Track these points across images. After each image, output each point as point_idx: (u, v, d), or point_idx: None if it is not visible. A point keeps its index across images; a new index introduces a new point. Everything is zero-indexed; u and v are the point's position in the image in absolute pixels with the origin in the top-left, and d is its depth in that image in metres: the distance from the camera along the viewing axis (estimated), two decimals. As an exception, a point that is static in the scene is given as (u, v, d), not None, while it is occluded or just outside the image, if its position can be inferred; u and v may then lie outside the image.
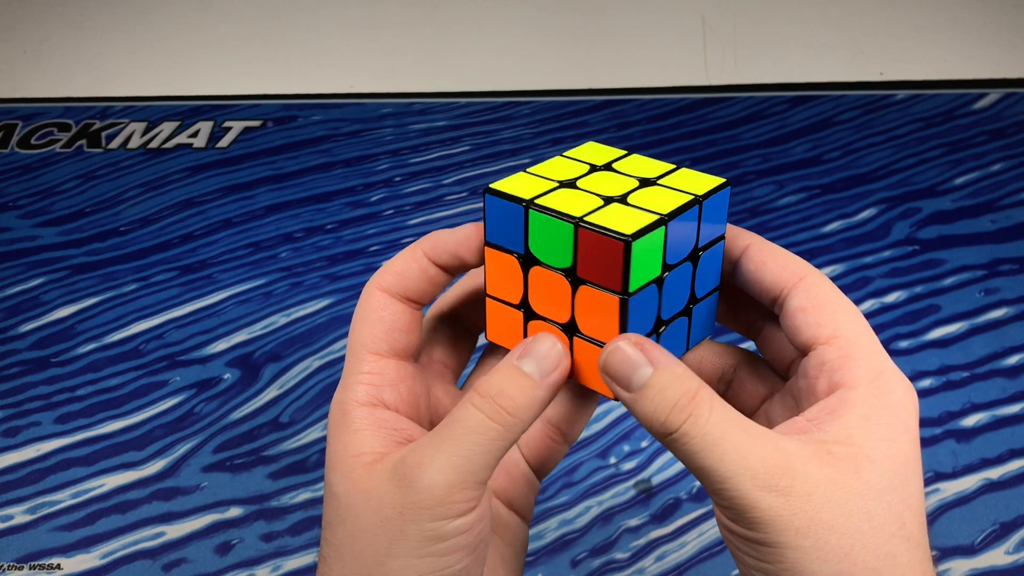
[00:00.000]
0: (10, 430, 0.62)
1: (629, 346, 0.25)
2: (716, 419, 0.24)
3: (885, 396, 0.24)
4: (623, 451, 0.59)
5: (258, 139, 0.93)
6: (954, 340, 0.66)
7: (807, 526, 0.23)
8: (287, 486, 0.58)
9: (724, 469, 0.23)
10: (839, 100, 0.95)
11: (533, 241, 0.26)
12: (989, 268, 0.72)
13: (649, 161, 0.29)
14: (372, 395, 0.27)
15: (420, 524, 0.24)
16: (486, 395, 0.25)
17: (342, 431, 0.27)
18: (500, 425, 0.25)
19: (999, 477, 0.57)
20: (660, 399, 0.24)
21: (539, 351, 0.26)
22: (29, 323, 0.71)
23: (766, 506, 0.23)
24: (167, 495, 0.58)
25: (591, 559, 0.54)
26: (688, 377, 0.24)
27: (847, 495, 0.23)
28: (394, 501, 0.25)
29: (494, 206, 0.27)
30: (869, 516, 0.23)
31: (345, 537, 0.26)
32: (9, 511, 0.57)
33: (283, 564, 0.54)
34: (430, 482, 0.24)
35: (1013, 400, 0.61)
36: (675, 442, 0.24)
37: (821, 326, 0.26)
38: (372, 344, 0.28)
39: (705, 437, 0.23)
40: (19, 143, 0.94)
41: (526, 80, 1.01)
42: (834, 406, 0.24)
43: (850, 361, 0.25)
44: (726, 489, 0.23)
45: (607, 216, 0.25)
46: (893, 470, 0.24)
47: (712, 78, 1.00)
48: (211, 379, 0.66)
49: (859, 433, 0.24)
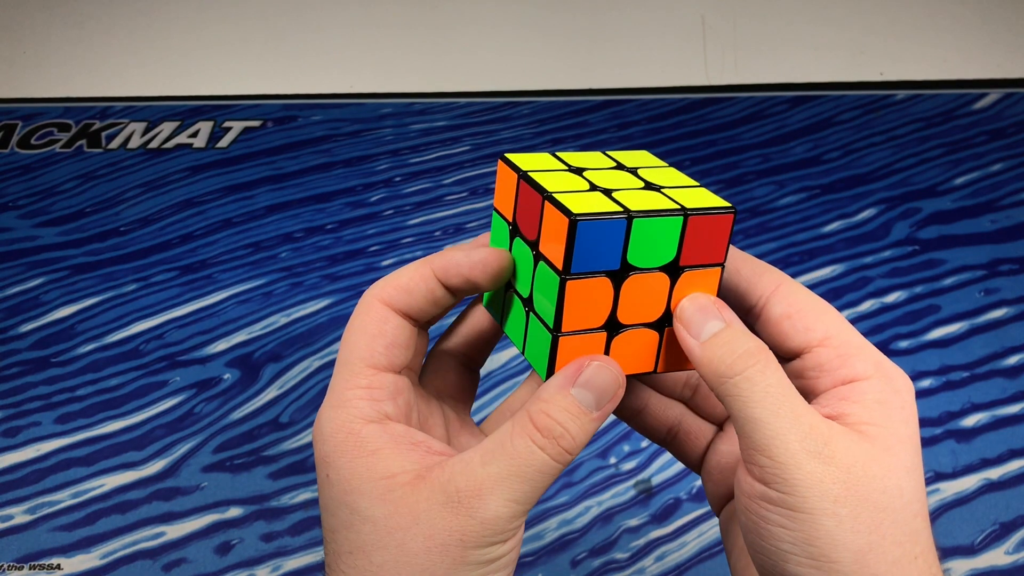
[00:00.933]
0: (10, 430, 0.62)
1: (708, 299, 0.26)
2: (781, 376, 0.24)
3: (891, 383, 0.25)
4: (623, 451, 0.59)
5: (258, 139, 0.93)
6: (954, 340, 0.66)
7: (844, 495, 0.23)
8: (287, 486, 0.58)
9: (777, 424, 0.24)
10: (839, 100, 0.95)
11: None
12: (989, 268, 0.72)
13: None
14: (377, 410, 0.27)
15: (481, 550, 0.25)
16: (549, 435, 0.25)
17: (355, 452, 0.26)
18: (562, 464, 0.25)
19: (999, 477, 0.57)
20: (729, 347, 0.25)
21: (599, 384, 0.26)
22: (29, 323, 0.71)
23: (810, 469, 0.23)
24: (167, 495, 0.58)
25: (591, 559, 0.54)
26: (758, 341, 0.25)
27: (885, 471, 0.24)
28: (451, 528, 0.25)
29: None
30: (901, 492, 0.24)
31: (389, 562, 0.25)
32: (9, 511, 0.57)
33: (283, 564, 0.54)
34: (495, 515, 0.25)
35: (1013, 400, 0.61)
36: (736, 386, 0.24)
37: (810, 330, 0.26)
38: (371, 358, 0.27)
39: (768, 387, 0.24)
40: (19, 143, 0.94)
41: (526, 80, 1.01)
42: (846, 394, 0.25)
43: (849, 359, 0.25)
44: (772, 446, 0.23)
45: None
46: (913, 450, 0.25)
47: (712, 78, 1.00)
48: (211, 379, 0.66)
49: (881, 416, 0.24)
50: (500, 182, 0.28)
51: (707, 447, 0.31)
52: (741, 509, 0.25)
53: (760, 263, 0.28)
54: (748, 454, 0.24)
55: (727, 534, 0.30)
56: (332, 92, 1.01)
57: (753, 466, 0.24)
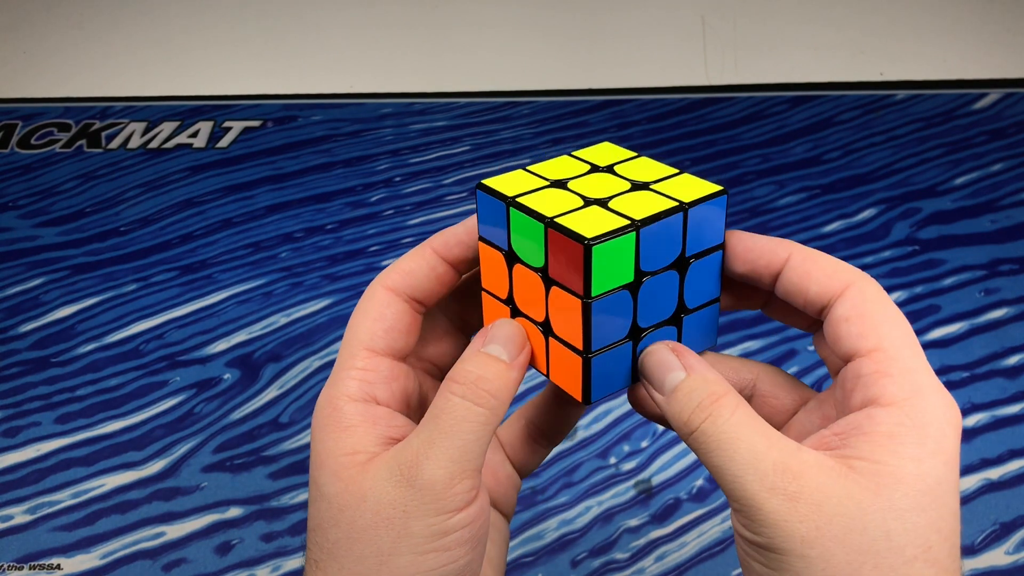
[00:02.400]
0: (10, 430, 0.62)
1: (666, 350, 0.26)
2: (735, 420, 0.24)
3: (918, 416, 0.23)
4: (623, 451, 0.59)
5: (258, 139, 0.93)
6: (954, 340, 0.66)
7: (814, 536, 0.22)
8: (287, 486, 0.58)
9: (734, 467, 0.23)
10: (839, 100, 0.95)
11: (514, 238, 0.26)
12: (989, 268, 0.72)
13: (655, 165, 0.28)
14: (364, 391, 0.27)
15: (425, 520, 0.24)
16: (466, 382, 0.25)
17: (332, 426, 0.26)
18: (486, 409, 0.25)
19: (999, 477, 0.57)
20: (686, 400, 0.25)
21: (502, 335, 0.27)
22: (29, 323, 0.71)
23: (771, 508, 0.22)
24: (167, 495, 0.58)
25: (591, 559, 0.54)
26: (717, 382, 0.25)
27: (863, 511, 0.22)
28: (394, 501, 0.24)
29: (484, 201, 0.27)
30: (887, 535, 0.22)
31: (342, 539, 0.25)
32: (9, 511, 0.57)
33: (283, 564, 0.54)
34: (431, 477, 0.24)
35: (1013, 400, 0.61)
36: (695, 441, 0.24)
37: (863, 337, 0.25)
38: (369, 341, 0.27)
39: (720, 436, 0.24)
40: (19, 143, 0.94)
41: (526, 80, 1.01)
42: (860, 422, 0.24)
43: (885, 377, 0.24)
44: (735, 489, 0.23)
45: (580, 218, 0.25)
46: (920, 491, 0.23)
47: (712, 78, 1.00)
48: (211, 379, 0.66)
49: (884, 451, 0.23)
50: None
51: None
52: (737, 545, 0.25)
53: (833, 261, 0.27)
54: (727, 499, 0.24)
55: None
56: (332, 92, 1.01)
57: (732, 510, 0.24)
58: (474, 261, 0.28)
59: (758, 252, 0.27)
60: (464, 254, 0.28)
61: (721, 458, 0.23)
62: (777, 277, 0.27)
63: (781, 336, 0.66)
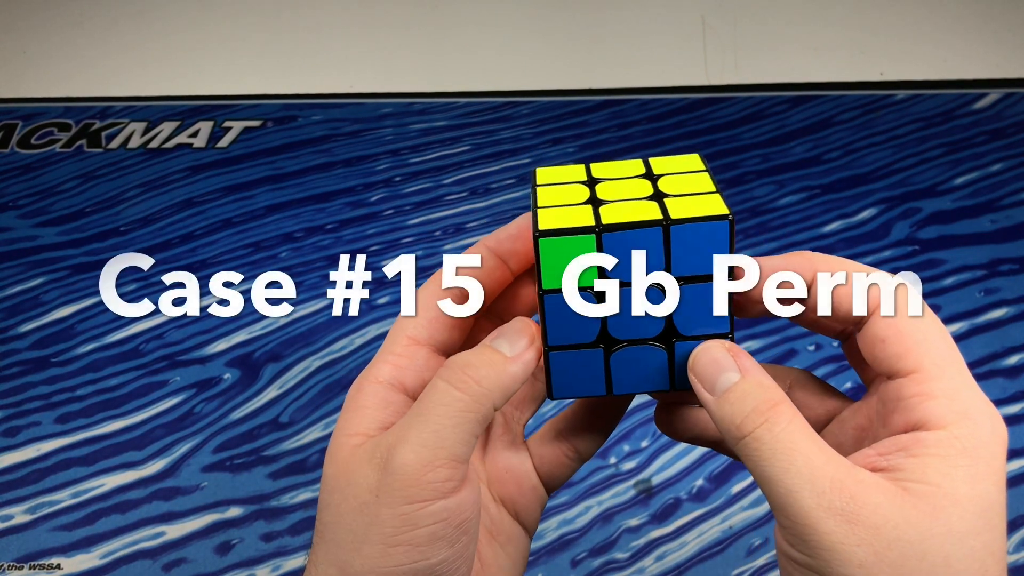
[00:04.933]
0: (10, 430, 0.62)
1: (721, 349, 0.25)
2: (792, 429, 0.22)
3: (967, 438, 0.23)
4: (623, 451, 0.59)
5: (258, 139, 0.93)
6: (954, 340, 0.66)
7: (872, 561, 0.21)
8: (287, 486, 0.58)
9: (790, 481, 0.22)
10: (839, 100, 0.95)
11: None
12: (989, 268, 0.72)
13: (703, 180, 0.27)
14: (393, 376, 0.26)
15: (394, 508, 0.23)
16: (452, 367, 0.25)
17: (349, 407, 0.26)
18: (467, 394, 0.24)
19: (999, 477, 0.57)
20: (740, 403, 0.23)
21: (511, 330, 0.26)
22: (29, 323, 0.71)
23: (828, 529, 0.21)
24: (167, 495, 0.58)
25: (591, 559, 0.54)
26: (773, 389, 0.24)
27: (922, 535, 0.21)
28: (370, 485, 0.24)
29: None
30: (947, 561, 0.21)
31: (329, 521, 0.25)
32: (9, 511, 0.57)
33: (283, 564, 0.54)
34: (402, 461, 0.23)
35: (1013, 400, 0.61)
36: (747, 446, 0.23)
37: (902, 359, 0.24)
38: (412, 330, 0.27)
39: (776, 444, 0.22)
40: (19, 143, 0.94)
41: (526, 80, 1.01)
42: (908, 443, 0.23)
43: (930, 400, 0.23)
44: (789, 504, 0.22)
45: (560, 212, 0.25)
46: (976, 513, 0.22)
47: (712, 78, 1.00)
48: (211, 379, 0.66)
49: (936, 473, 0.22)
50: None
51: None
52: (780, 564, 0.24)
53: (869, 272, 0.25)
54: (775, 514, 0.23)
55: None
56: (332, 92, 1.01)
57: (780, 526, 0.23)
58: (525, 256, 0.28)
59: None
60: (514, 246, 0.27)
61: (776, 468, 0.22)
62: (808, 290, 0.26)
63: (781, 336, 0.66)
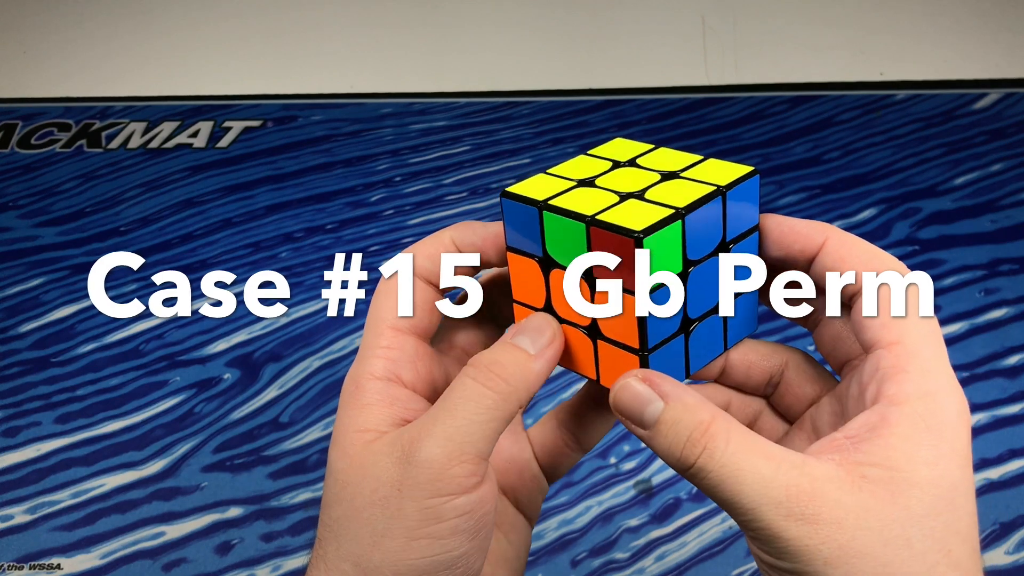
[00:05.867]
0: (10, 430, 0.62)
1: (637, 382, 0.25)
2: (733, 449, 0.23)
3: (932, 416, 0.23)
4: (623, 451, 0.59)
5: (258, 139, 0.93)
6: (954, 340, 0.66)
7: (837, 555, 0.22)
8: (287, 486, 0.58)
9: (746, 501, 0.22)
10: (839, 100, 0.95)
11: (550, 243, 0.26)
12: (989, 268, 0.72)
13: (676, 154, 0.28)
14: (389, 370, 0.26)
15: (418, 501, 0.23)
16: (479, 365, 0.25)
17: (351, 404, 0.26)
18: (495, 392, 0.24)
19: (999, 477, 0.57)
20: (673, 434, 0.23)
21: (531, 326, 0.26)
22: (29, 323, 0.71)
23: (792, 536, 0.22)
24: (167, 495, 0.58)
25: (591, 559, 0.54)
26: (700, 407, 0.24)
27: (883, 522, 0.22)
28: (391, 479, 0.24)
29: (511, 209, 0.26)
30: (908, 543, 0.22)
31: (341, 517, 0.25)
32: (9, 511, 0.57)
33: (283, 564, 0.54)
34: (428, 455, 0.23)
35: (1013, 400, 0.61)
36: (694, 477, 0.23)
37: (886, 328, 0.24)
38: (392, 319, 0.27)
39: (722, 470, 0.23)
40: (19, 143, 0.94)
41: (526, 80, 1.01)
42: (875, 423, 0.23)
43: (902, 373, 0.24)
44: (751, 520, 0.22)
45: (621, 213, 0.24)
46: (936, 495, 0.22)
47: (712, 78, 1.00)
48: (211, 379, 0.66)
49: (898, 455, 0.22)
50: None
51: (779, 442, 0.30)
52: (760, 569, 0.24)
53: (869, 247, 0.26)
54: (740, 528, 0.23)
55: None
56: (332, 92, 1.01)
57: (748, 537, 0.23)
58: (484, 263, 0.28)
59: (793, 236, 0.27)
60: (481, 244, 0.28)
61: (728, 492, 0.22)
62: (812, 261, 0.26)
63: (781, 336, 0.66)
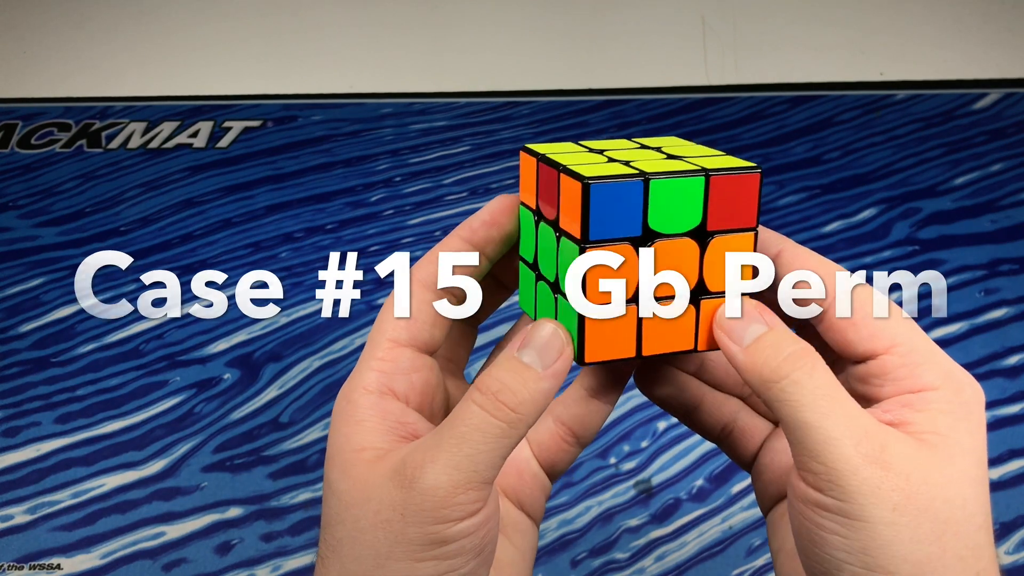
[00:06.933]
0: (10, 430, 0.62)
1: (747, 302, 0.25)
2: (829, 378, 0.23)
3: (959, 396, 0.24)
4: (623, 451, 0.59)
5: (258, 139, 0.93)
6: (954, 340, 0.66)
7: (904, 503, 0.22)
8: (287, 486, 0.58)
9: (830, 427, 0.22)
10: (839, 100, 0.95)
11: (654, 214, 0.25)
12: (989, 268, 0.72)
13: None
14: (382, 382, 0.26)
15: (422, 527, 0.24)
16: (487, 391, 0.24)
17: (345, 420, 0.26)
18: (503, 422, 0.24)
19: (999, 477, 0.57)
20: (774, 350, 0.24)
21: (540, 340, 0.25)
22: (29, 323, 0.71)
23: (867, 475, 0.22)
24: (167, 495, 0.58)
25: (591, 559, 0.54)
26: (803, 342, 0.24)
27: (946, 480, 0.23)
28: (394, 502, 0.24)
29: (603, 194, 0.24)
30: (964, 504, 0.23)
31: (345, 538, 0.25)
32: (9, 511, 0.57)
33: (283, 564, 0.54)
34: (433, 483, 0.23)
35: (1013, 400, 0.61)
36: (783, 391, 0.23)
37: (876, 337, 0.25)
38: (392, 332, 0.27)
39: (816, 390, 0.23)
40: (19, 143, 0.94)
41: (526, 80, 1.01)
42: (910, 401, 0.24)
43: (917, 368, 0.24)
44: (826, 451, 0.22)
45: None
46: (979, 463, 0.24)
47: (712, 78, 1.00)
48: (211, 379, 0.66)
49: (944, 425, 0.24)
50: (522, 173, 0.28)
51: (761, 445, 0.30)
52: (794, 514, 0.24)
53: (829, 263, 0.27)
54: (801, 460, 0.23)
55: (775, 536, 0.29)
56: (332, 92, 1.01)
57: (807, 472, 0.23)
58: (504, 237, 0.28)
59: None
60: (488, 233, 0.27)
61: (816, 414, 0.23)
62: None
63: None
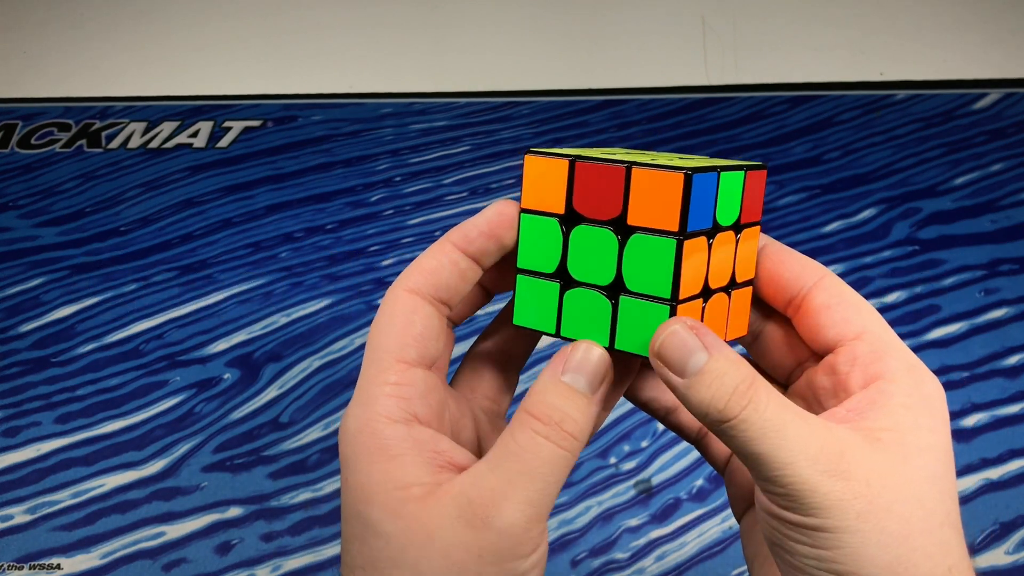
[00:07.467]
0: (10, 430, 0.62)
1: (685, 330, 0.24)
2: (774, 406, 0.23)
3: (923, 387, 0.25)
4: (623, 451, 0.59)
5: (258, 139, 0.93)
6: (954, 340, 0.66)
7: (867, 510, 0.22)
8: (287, 486, 0.58)
9: (784, 455, 0.23)
10: (839, 100, 0.95)
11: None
12: (989, 268, 0.72)
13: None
14: (405, 410, 0.25)
15: (499, 565, 0.23)
16: (550, 422, 0.24)
17: (375, 455, 0.24)
18: (569, 452, 0.24)
19: (999, 477, 0.57)
20: (718, 385, 0.23)
21: (588, 366, 0.25)
22: (29, 323, 0.71)
23: (827, 490, 0.22)
24: (167, 495, 0.58)
25: (591, 559, 0.54)
26: (743, 364, 0.24)
27: (903, 480, 0.23)
28: (466, 544, 0.23)
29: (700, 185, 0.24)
30: (921, 503, 0.23)
31: None
32: (9, 511, 0.57)
33: (283, 564, 0.54)
34: (510, 522, 0.23)
35: (1013, 400, 0.61)
36: (733, 428, 0.23)
37: (849, 322, 0.26)
38: (400, 351, 0.25)
39: (765, 424, 0.23)
40: (19, 143, 0.94)
41: (526, 80, 1.01)
42: (874, 397, 0.24)
43: (884, 355, 0.25)
44: (785, 475, 0.23)
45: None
46: (937, 459, 0.24)
47: (712, 78, 1.00)
48: (211, 379, 0.66)
49: (904, 422, 0.24)
50: (530, 178, 0.26)
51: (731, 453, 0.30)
52: (764, 525, 0.24)
53: (803, 256, 0.27)
54: (761, 484, 0.23)
55: (749, 543, 0.29)
56: (332, 92, 1.01)
57: (768, 493, 0.23)
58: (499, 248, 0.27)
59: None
60: (486, 245, 0.26)
61: (768, 446, 0.23)
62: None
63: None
